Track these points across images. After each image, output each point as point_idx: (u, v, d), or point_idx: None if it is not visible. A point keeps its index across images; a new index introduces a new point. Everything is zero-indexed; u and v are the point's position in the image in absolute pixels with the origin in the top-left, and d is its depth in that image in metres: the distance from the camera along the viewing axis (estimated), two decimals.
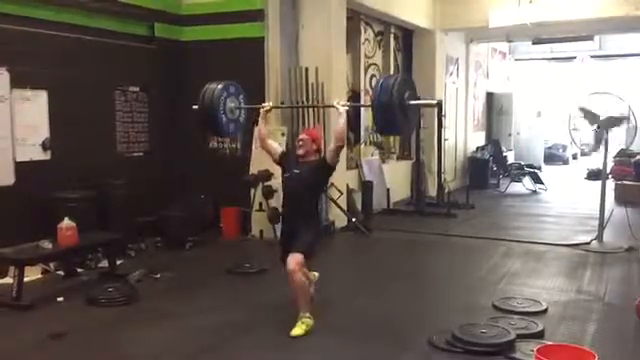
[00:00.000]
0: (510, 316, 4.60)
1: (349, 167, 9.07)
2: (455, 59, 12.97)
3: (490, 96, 15.76)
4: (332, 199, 7.95)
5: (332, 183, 7.95)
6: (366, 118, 9.85)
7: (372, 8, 9.44)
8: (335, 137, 4.57)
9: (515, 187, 12.65)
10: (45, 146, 6.41)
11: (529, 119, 17.75)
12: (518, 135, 17.05)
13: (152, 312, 4.94)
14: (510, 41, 14.79)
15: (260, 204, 7.53)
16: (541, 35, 12.88)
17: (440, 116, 10.61)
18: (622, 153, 11.75)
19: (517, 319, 4.51)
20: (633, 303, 4.84)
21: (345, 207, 8.26)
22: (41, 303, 5.07)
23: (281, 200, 5.01)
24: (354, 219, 8.22)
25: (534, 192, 12.43)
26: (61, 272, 6.00)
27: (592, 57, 16.38)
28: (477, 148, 14.07)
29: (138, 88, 7.59)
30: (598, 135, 7.05)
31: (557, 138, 18.73)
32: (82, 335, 4.43)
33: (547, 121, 18.28)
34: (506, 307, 4.86)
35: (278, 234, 6.39)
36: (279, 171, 4.86)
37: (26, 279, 5.26)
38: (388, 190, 9.78)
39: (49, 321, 4.68)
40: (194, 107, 4.79)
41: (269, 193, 7.22)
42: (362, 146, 9.86)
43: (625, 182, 11.26)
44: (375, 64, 10.53)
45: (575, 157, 19.51)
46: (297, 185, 4.54)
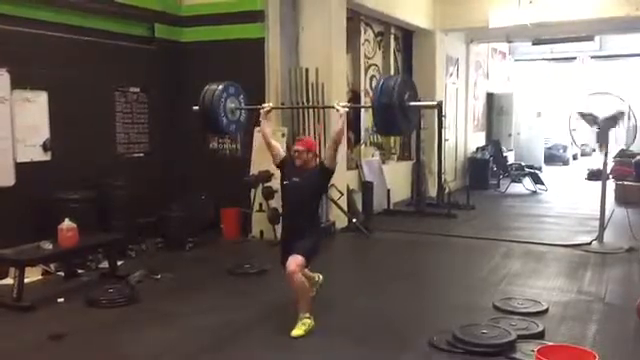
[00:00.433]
0: (511, 317, 4.60)
1: (349, 168, 9.07)
2: (455, 59, 12.97)
3: (490, 96, 15.76)
4: (332, 200, 7.95)
5: (332, 184, 7.94)
6: (366, 119, 9.85)
7: (372, 9, 9.45)
8: (333, 138, 4.58)
9: (515, 187, 12.65)
10: (45, 147, 6.41)
11: (529, 119, 17.75)
12: (518, 135, 17.05)
13: (152, 313, 4.95)
14: (510, 41, 14.80)
15: (260, 205, 7.53)
16: (541, 35, 12.88)
17: (440, 116, 10.60)
18: (622, 153, 11.73)
19: (518, 320, 4.51)
20: (634, 303, 4.83)
21: (345, 208, 8.26)
22: (42, 304, 5.07)
23: (281, 203, 5.00)
24: (354, 220, 8.22)
25: (534, 192, 12.43)
26: (62, 273, 6.00)
27: (592, 57, 16.38)
28: (477, 148, 14.07)
29: (138, 89, 7.59)
30: (600, 136, 7.04)
31: (557, 138, 18.73)
32: (82, 336, 4.43)
33: (547, 121, 18.28)
34: (507, 308, 4.86)
35: (278, 235, 6.41)
36: (279, 172, 4.86)
37: (26, 280, 5.26)
38: (388, 191, 9.78)
39: (49, 322, 4.69)
40: (194, 108, 4.81)
41: (269, 194, 7.22)
42: (362, 147, 9.86)
43: (625, 182, 11.25)
44: (375, 65, 10.54)
45: (575, 157, 19.51)
46: (297, 194, 4.54)
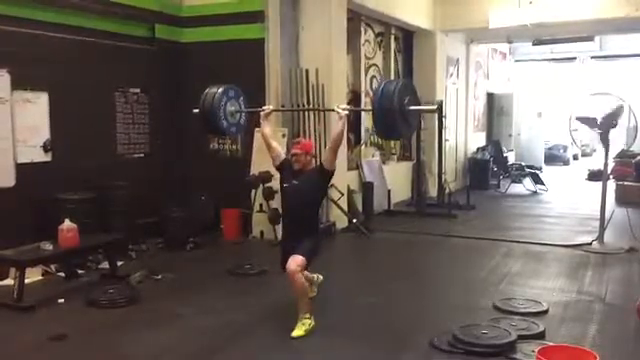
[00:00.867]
0: (511, 317, 4.60)
1: (350, 168, 9.07)
2: (455, 60, 12.97)
3: (490, 97, 15.76)
4: (333, 200, 7.95)
5: (333, 184, 7.95)
6: (366, 119, 9.85)
7: (373, 9, 9.45)
8: (333, 140, 4.57)
9: (516, 188, 12.64)
10: (46, 147, 6.41)
11: (529, 120, 17.75)
12: (519, 136, 17.05)
13: (153, 313, 4.95)
14: (510, 42, 14.77)
15: (261, 205, 7.53)
16: (541, 36, 12.87)
17: (440, 117, 10.61)
18: (623, 154, 11.74)
19: (518, 320, 4.51)
20: (634, 304, 4.83)
21: (346, 208, 8.26)
22: (42, 304, 5.07)
23: (281, 206, 4.99)
24: (355, 220, 8.22)
25: (535, 193, 12.42)
26: (62, 273, 6.00)
27: (592, 58, 16.37)
28: (477, 149, 14.07)
29: (138, 89, 7.59)
30: (602, 137, 7.04)
31: (558, 139, 18.73)
32: (83, 336, 4.43)
33: (547, 122, 18.28)
34: (507, 308, 4.86)
35: (279, 235, 6.41)
36: (278, 174, 4.85)
37: (27, 280, 5.26)
38: (389, 191, 9.77)
39: (50, 322, 4.69)
40: (195, 111, 4.81)
41: (270, 194, 7.22)
42: (362, 147, 9.86)
43: (626, 183, 11.25)
44: (375, 65, 10.54)
45: (576, 158, 19.51)
46: (297, 197, 4.53)
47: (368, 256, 7.34)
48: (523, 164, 14.05)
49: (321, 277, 5.00)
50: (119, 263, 6.23)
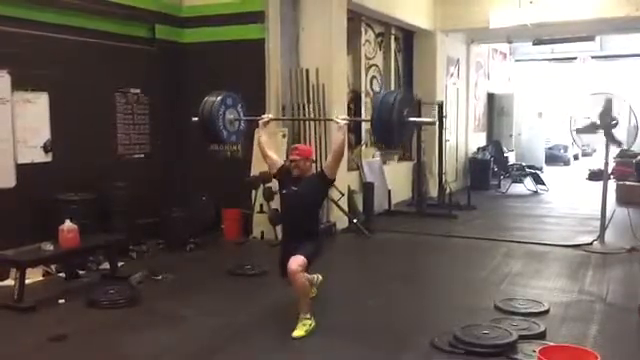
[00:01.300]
0: (512, 317, 4.59)
1: (350, 168, 9.06)
2: (456, 60, 12.97)
3: (491, 97, 15.76)
4: (333, 200, 7.94)
5: (333, 184, 7.94)
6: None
7: (373, 9, 9.45)
8: (334, 150, 4.56)
9: (516, 188, 12.64)
10: (46, 148, 6.41)
11: (530, 120, 17.74)
12: (519, 136, 17.04)
13: (153, 314, 4.94)
14: (511, 42, 14.77)
15: (261, 206, 7.53)
16: (542, 36, 12.87)
17: (441, 117, 10.61)
18: (623, 154, 11.74)
19: (519, 320, 4.50)
20: (635, 303, 4.84)
21: (346, 208, 8.26)
22: (42, 305, 5.07)
23: (281, 214, 4.96)
24: (355, 220, 8.21)
25: (535, 193, 12.42)
26: (62, 274, 5.99)
27: (593, 58, 16.37)
28: (478, 149, 14.07)
29: (139, 90, 7.59)
30: (608, 137, 7.04)
31: (558, 139, 18.72)
32: (83, 337, 4.43)
33: (548, 122, 18.27)
34: (508, 308, 4.85)
35: (279, 236, 6.40)
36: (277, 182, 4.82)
37: (27, 281, 5.25)
38: (389, 191, 9.77)
39: (50, 323, 4.68)
40: (194, 119, 4.81)
41: (270, 195, 7.22)
42: (363, 147, 9.85)
43: (627, 182, 11.25)
44: (376, 65, 10.53)
45: (576, 158, 19.50)
46: (297, 203, 4.52)
47: (368, 256, 7.33)
48: (524, 164, 14.04)
49: (320, 277, 4.99)
50: (119, 264, 6.23)
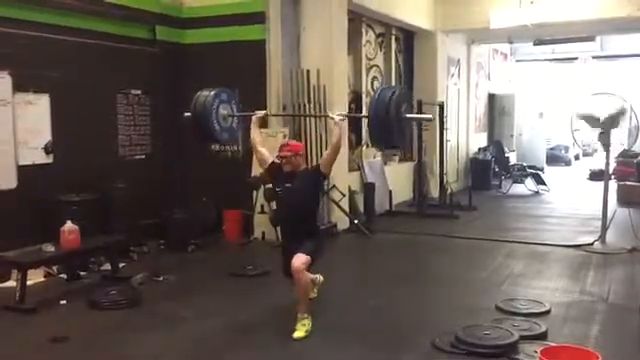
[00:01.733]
0: (513, 317, 4.59)
1: (351, 169, 9.06)
2: (456, 60, 12.96)
3: (492, 97, 15.76)
4: (334, 201, 7.95)
5: (334, 185, 7.96)
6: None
7: (373, 10, 9.45)
8: (332, 146, 4.54)
9: (517, 188, 12.63)
10: (47, 149, 6.42)
11: (531, 120, 17.73)
12: (520, 136, 17.03)
13: (154, 315, 4.95)
14: (511, 42, 14.77)
15: (262, 206, 7.53)
16: (542, 36, 12.87)
17: (442, 117, 10.61)
18: (624, 154, 11.72)
19: (520, 320, 4.50)
20: (636, 304, 4.84)
21: (347, 209, 8.26)
22: (44, 306, 5.07)
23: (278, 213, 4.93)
24: (356, 221, 8.21)
25: (536, 193, 12.41)
26: (64, 275, 6.00)
27: (594, 58, 16.36)
28: (479, 149, 14.06)
29: (140, 91, 7.59)
30: (603, 136, 7.03)
31: (559, 139, 18.71)
32: (84, 338, 4.43)
33: (549, 122, 18.26)
34: (509, 308, 4.84)
35: (280, 236, 6.39)
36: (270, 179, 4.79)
37: (29, 282, 5.25)
38: (390, 192, 9.77)
39: (52, 324, 4.69)
40: (186, 114, 4.75)
41: (271, 195, 7.18)
42: (364, 148, 9.85)
43: (628, 183, 11.23)
44: (376, 66, 10.53)
45: (577, 158, 19.50)
46: (291, 199, 4.51)
47: (369, 257, 7.33)
48: (525, 164, 14.03)
49: (322, 278, 4.99)
50: (121, 265, 6.23)
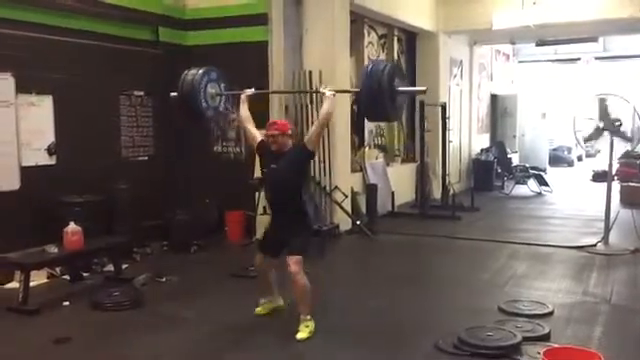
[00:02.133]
0: (516, 319, 4.59)
1: (353, 170, 9.06)
2: (459, 61, 12.96)
3: (494, 98, 15.75)
4: (336, 202, 7.95)
5: (336, 186, 7.96)
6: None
7: (375, 11, 9.45)
8: (320, 120, 4.50)
9: (520, 189, 12.63)
10: (50, 151, 6.43)
11: (534, 121, 17.72)
12: (523, 137, 17.02)
13: (157, 316, 4.95)
14: (514, 43, 14.78)
15: (264, 208, 7.50)
16: (545, 37, 12.87)
17: (444, 118, 10.60)
18: (627, 155, 11.70)
19: (523, 322, 4.49)
20: (639, 305, 4.81)
21: (349, 210, 8.26)
22: (47, 307, 5.08)
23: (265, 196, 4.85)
24: (358, 222, 8.21)
25: (539, 194, 12.40)
26: (67, 276, 6.01)
27: (596, 59, 16.35)
28: (481, 150, 14.05)
29: (143, 92, 7.61)
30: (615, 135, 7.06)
31: (562, 140, 18.69)
32: (87, 339, 4.44)
33: (552, 123, 18.24)
34: (512, 310, 4.83)
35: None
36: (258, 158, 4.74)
37: (32, 283, 5.26)
38: (392, 193, 9.77)
39: (55, 325, 4.70)
40: (172, 94, 4.75)
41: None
42: (366, 149, 9.86)
43: (631, 184, 11.22)
44: None
45: (580, 159, 19.48)
46: (277, 180, 4.45)
47: (372, 258, 7.32)
48: (527, 165, 14.03)
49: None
50: (124, 266, 6.24)
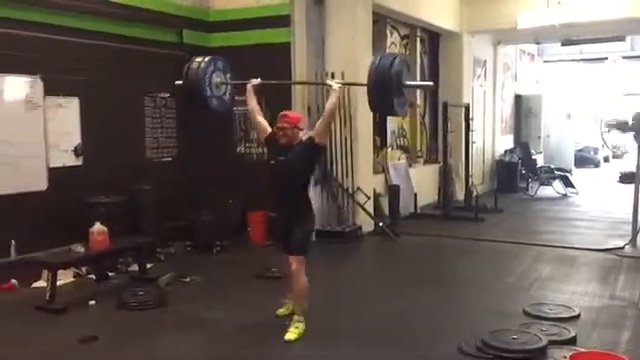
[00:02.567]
0: (541, 322, 4.53)
1: (376, 171, 9.04)
2: (483, 61, 12.85)
3: (519, 98, 15.58)
4: (359, 203, 7.94)
5: (359, 187, 7.95)
6: (393, 122, 9.81)
7: (398, 11, 9.42)
8: (326, 113, 4.50)
9: (545, 191, 12.47)
10: (77, 152, 6.53)
11: (559, 121, 17.48)
12: (548, 138, 16.80)
13: (181, 316, 4.99)
14: (539, 43, 14.61)
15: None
16: (570, 36, 12.69)
17: (468, 119, 10.52)
18: None
19: (549, 325, 4.43)
20: None
21: (372, 211, 8.24)
22: (73, 306, 5.16)
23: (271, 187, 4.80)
24: (381, 223, 8.19)
25: (565, 196, 12.23)
26: (93, 276, 6.09)
27: (624, 58, 16.07)
28: (505, 151, 13.91)
29: (167, 94, 7.69)
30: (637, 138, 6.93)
31: (588, 140, 18.41)
32: (113, 338, 4.50)
33: (577, 123, 17.98)
34: (537, 313, 4.78)
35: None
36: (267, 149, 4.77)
37: (59, 282, 5.36)
38: (415, 194, 9.72)
39: (81, 324, 4.78)
40: (177, 82, 4.77)
41: None
42: (389, 150, 9.83)
43: None
44: None
45: (607, 160, 19.16)
46: (284, 171, 4.44)
47: (394, 259, 7.30)
48: (552, 166, 13.85)
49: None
50: (148, 266, 6.31)
